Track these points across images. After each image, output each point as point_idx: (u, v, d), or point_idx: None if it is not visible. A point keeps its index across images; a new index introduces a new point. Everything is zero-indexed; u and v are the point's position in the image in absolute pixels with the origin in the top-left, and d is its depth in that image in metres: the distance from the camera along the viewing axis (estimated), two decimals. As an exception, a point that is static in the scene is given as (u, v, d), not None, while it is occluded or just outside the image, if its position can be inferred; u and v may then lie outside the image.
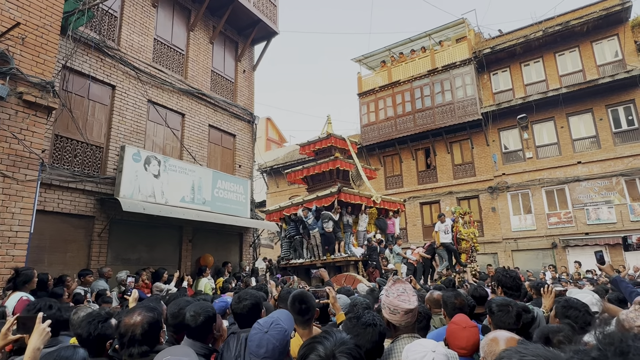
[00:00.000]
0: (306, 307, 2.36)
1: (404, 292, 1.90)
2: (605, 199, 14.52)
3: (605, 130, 15.03)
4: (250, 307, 2.46)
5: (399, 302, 1.88)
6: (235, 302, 2.51)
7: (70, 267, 7.40)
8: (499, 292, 2.97)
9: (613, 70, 14.92)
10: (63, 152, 7.90)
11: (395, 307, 1.88)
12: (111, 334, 2.11)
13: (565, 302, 2.56)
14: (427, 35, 19.04)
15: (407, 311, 1.87)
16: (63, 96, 7.74)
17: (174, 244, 9.94)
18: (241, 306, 2.45)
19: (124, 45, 9.32)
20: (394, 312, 1.89)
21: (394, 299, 1.90)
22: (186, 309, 2.32)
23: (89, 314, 2.22)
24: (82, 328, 2.13)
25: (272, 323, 1.66)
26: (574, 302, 2.53)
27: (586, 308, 2.46)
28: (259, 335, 1.65)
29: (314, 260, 10.29)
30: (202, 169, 10.31)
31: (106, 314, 2.23)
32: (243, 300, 2.48)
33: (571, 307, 2.46)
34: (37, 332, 1.92)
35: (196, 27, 11.42)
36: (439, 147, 18.39)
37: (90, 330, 2.09)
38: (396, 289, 1.93)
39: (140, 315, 1.92)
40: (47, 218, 7.26)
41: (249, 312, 2.45)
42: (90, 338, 2.08)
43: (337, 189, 10.11)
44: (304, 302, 2.37)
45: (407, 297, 1.89)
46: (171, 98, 10.35)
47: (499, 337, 1.59)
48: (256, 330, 1.68)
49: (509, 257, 15.87)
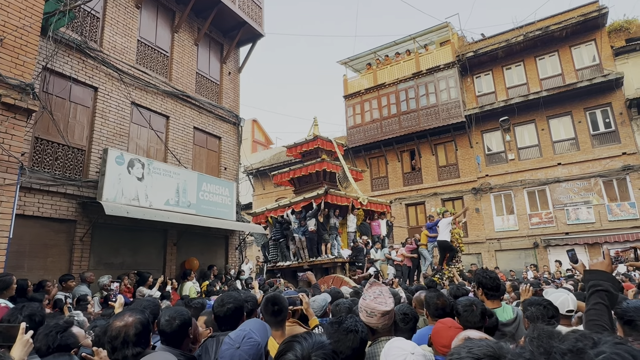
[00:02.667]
0: (279, 309, 2.39)
1: (380, 294, 1.92)
2: (584, 200, 14.91)
3: (583, 132, 15.45)
4: (233, 310, 2.45)
5: (376, 304, 1.89)
6: (218, 305, 2.50)
7: (51, 272, 7.25)
8: (479, 293, 3.03)
9: (591, 74, 15.34)
10: (43, 155, 7.74)
11: (372, 309, 1.90)
12: (73, 342, 2.02)
13: (528, 300, 2.66)
14: (412, 39, 19.27)
15: (383, 313, 1.88)
16: (43, 98, 7.59)
17: (158, 248, 9.82)
18: (224, 309, 2.45)
19: (107, 47, 9.19)
20: (371, 315, 1.91)
21: (371, 302, 1.91)
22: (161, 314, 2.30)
23: (45, 326, 2.11)
24: (40, 341, 2.02)
25: (244, 337, 1.59)
26: (535, 299, 2.62)
27: (547, 303, 2.54)
28: (230, 351, 1.59)
29: (301, 263, 10.30)
30: (187, 172, 10.22)
31: (65, 323, 2.14)
32: (227, 303, 2.48)
33: (532, 304, 2.55)
34: (20, 344, 1.83)
35: (181, 28, 11.33)
36: (424, 149, 18.62)
37: (49, 342, 2.00)
38: (372, 291, 1.94)
39: (131, 316, 1.88)
40: (26, 222, 7.10)
41: (231, 315, 2.44)
42: (50, 351, 1.99)
43: (324, 191, 10.14)
44: (276, 304, 2.41)
45: (384, 300, 1.90)
46: (155, 100, 10.24)
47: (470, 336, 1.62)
48: (227, 346, 1.61)
49: (493, 257, 16.14)
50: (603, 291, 1.75)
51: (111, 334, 1.83)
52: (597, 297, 1.75)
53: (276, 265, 10.96)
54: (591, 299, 1.78)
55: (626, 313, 1.47)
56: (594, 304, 1.75)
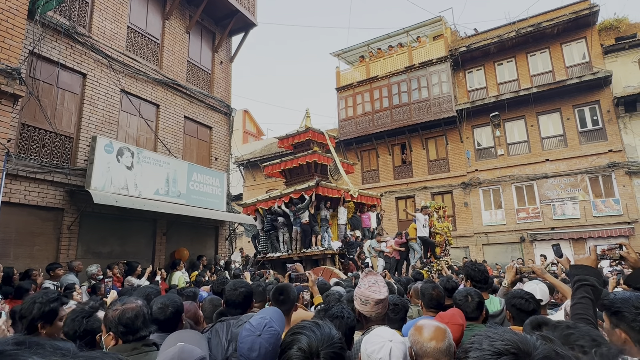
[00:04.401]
0: (284, 298, 2.52)
1: (375, 283, 1.96)
2: (571, 195, 15.18)
3: (572, 129, 15.67)
4: (245, 294, 2.56)
5: (370, 292, 1.93)
6: (231, 290, 2.59)
7: (38, 260, 7.16)
8: (468, 285, 3.10)
9: (580, 71, 15.52)
10: (30, 142, 7.59)
11: (366, 297, 1.94)
12: (98, 327, 2.06)
13: (510, 293, 2.76)
14: (405, 32, 19.24)
15: (377, 302, 1.92)
16: (30, 84, 7.42)
17: (147, 237, 9.76)
18: (237, 293, 2.54)
19: (96, 32, 9.00)
20: (364, 303, 1.94)
21: (365, 290, 1.95)
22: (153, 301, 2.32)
23: (72, 311, 2.18)
24: (67, 326, 2.09)
25: (265, 325, 1.61)
26: (518, 292, 2.72)
27: (530, 296, 2.63)
28: (251, 337, 1.60)
29: (291, 254, 10.34)
30: (177, 162, 10.13)
31: (90, 309, 2.19)
32: (239, 288, 2.58)
33: (515, 297, 2.64)
34: None
35: (172, 15, 11.14)
36: (415, 143, 18.71)
37: (76, 327, 2.06)
38: (368, 280, 1.98)
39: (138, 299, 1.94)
40: (13, 210, 6.98)
41: (243, 300, 2.55)
42: (77, 335, 2.04)
43: (315, 183, 10.15)
44: (283, 293, 2.55)
45: (378, 288, 1.94)
46: (145, 88, 10.09)
47: (424, 325, 1.58)
48: (248, 332, 1.62)
49: (480, 250, 16.39)
50: (589, 285, 1.81)
51: (130, 315, 1.83)
52: (582, 292, 1.82)
53: (266, 257, 10.99)
54: (577, 293, 1.84)
55: (613, 304, 1.53)
56: (580, 297, 1.82)
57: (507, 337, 0.89)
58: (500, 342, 0.88)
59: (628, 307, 1.47)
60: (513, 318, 2.61)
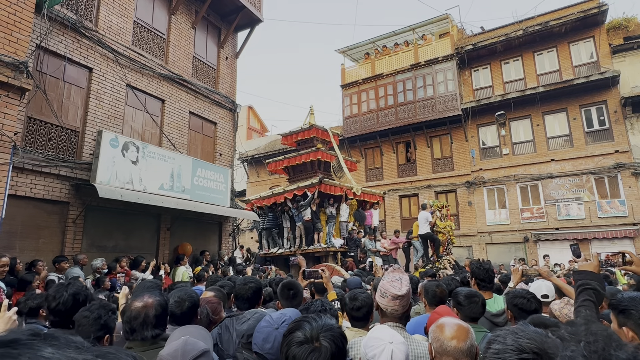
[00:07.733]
0: (294, 293, 2.65)
1: (398, 280, 1.99)
2: (576, 196, 15.09)
3: (578, 129, 15.55)
4: (254, 289, 2.65)
5: (390, 286, 1.96)
6: (242, 284, 2.68)
7: (43, 253, 7.21)
8: (472, 283, 3.09)
9: (588, 71, 15.39)
10: (37, 135, 7.64)
11: (385, 290, 1.97)
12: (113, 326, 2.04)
13: (512, 293, 2.76)
14: (411, 30, 19.13)
15: (394, 297, 1.94)
16: (37, 77, 7.45)
17: (151, 232, 9.81)
18: (247, 288, 2.64)
19: (102, 27, 9.02)
20: (383, 296, 1.98)
21: (386, 283, 1.99)
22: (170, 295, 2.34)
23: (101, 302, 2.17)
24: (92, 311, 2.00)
25: (283, 321, 1.66)
26: (519, 292, 2.72)
27: (531, 295, 2.64)
28: (268, 329, 1.65)
29: (294, 250, 10.36)
30: (181, 157, 10.16)
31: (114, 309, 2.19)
32: (249, 283, 2.67)
33: (516, 296, 2.64)
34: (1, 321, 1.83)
35: (178, 10, 11.14)
36: (419, 141, 18.65)
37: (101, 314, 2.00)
38: (393, 276, 2.02)
39: (150, 297, 1.90)
40: (19, 203, 7.04)
41: (252, 295, 2.64)
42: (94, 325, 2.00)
43: (318, 180, 10.15)
44: (292, 288, 2.68)
45: (399, 285, 1.96)
46: (151, 83, 10.11)
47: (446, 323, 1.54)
48: (267, 324, 1.68)
49: (483, 250, 16.34)
50: (591, 289, 1.90)
51: (130, 315, 1.83)
52: (585, 295, 1.90)
53: (268, 253, 11.04)
54: (580, 296, 1.92)
55: (621, 303, 1.59)
56: (583, 300, 1.90)
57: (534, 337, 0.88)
58: (526, 340, 0.88)
59: (635, 305, 1.51)
60: (514, 317, 2.61)
